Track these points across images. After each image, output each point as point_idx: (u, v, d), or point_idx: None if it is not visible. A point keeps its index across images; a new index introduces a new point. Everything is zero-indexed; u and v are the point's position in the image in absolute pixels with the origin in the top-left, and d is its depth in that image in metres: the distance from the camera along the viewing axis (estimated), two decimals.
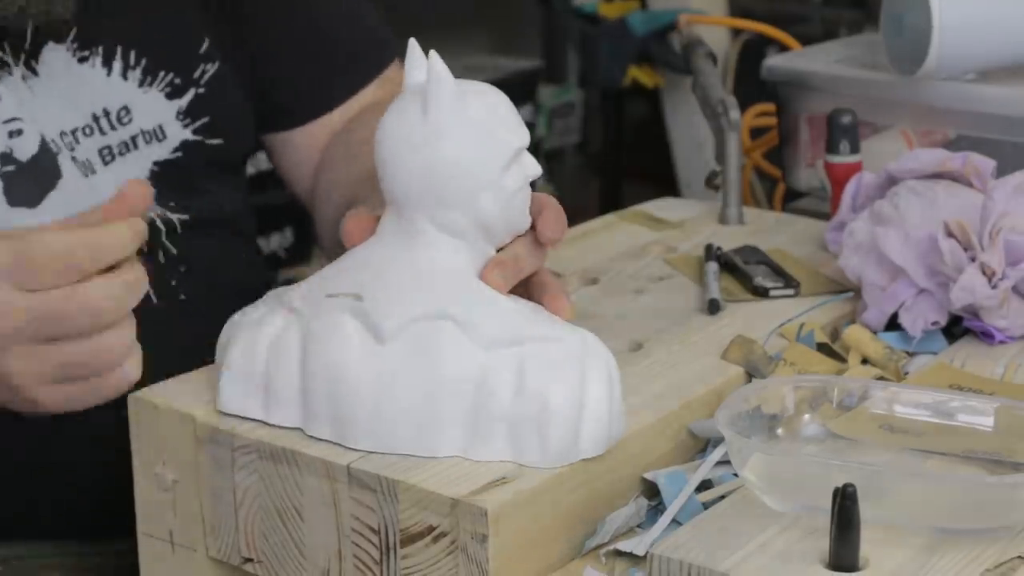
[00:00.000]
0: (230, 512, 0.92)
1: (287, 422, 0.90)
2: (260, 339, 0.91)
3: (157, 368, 1.08)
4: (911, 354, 1.06)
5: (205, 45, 1.18)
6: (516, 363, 0.86)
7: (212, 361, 0.97)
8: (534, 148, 2.96)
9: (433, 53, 0.89)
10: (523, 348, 0.86)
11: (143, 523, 0.97)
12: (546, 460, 0.86)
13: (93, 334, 0.88)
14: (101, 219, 0.88)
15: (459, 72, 0.92)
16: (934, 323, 1.07)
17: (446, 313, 0.87)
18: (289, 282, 2.81)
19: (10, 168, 1.10)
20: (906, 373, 1.04)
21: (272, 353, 0.90)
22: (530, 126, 3.62)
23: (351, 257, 0.92)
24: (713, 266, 1.17)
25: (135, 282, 0.89)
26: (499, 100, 0.91)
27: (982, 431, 0.89)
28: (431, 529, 0.84)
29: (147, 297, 1.12)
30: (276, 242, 2.66)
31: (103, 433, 1.05)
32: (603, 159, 3.20)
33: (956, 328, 1.11)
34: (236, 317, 0.95)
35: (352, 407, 0.87)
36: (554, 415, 0.86)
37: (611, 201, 2.98)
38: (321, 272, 0.93)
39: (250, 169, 2.43)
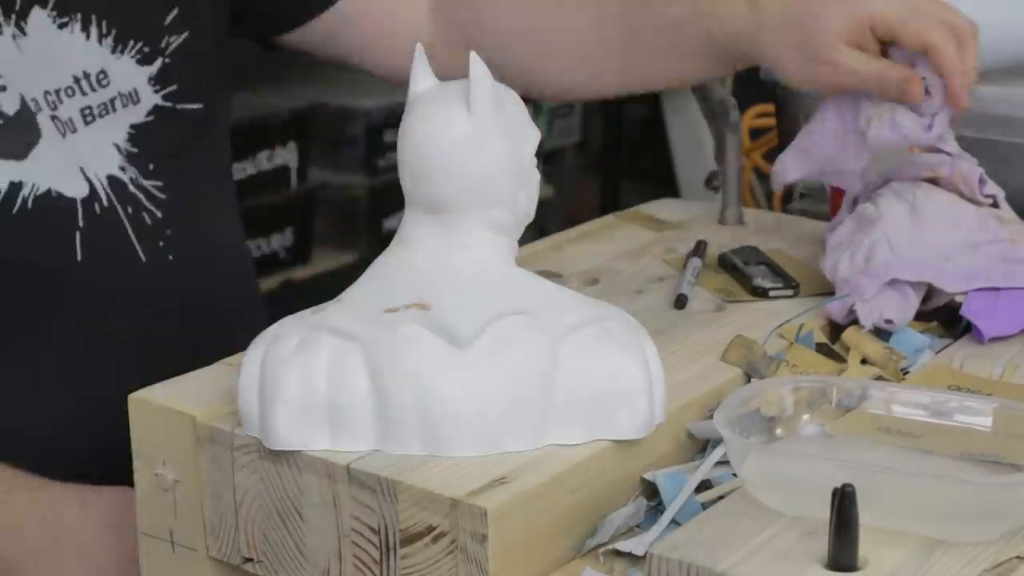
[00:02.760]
0: (230, 512, 0.92)
1: (359, 446, 0.88)
2: (315, 369, 0.87)
3: (150, 327, 1.11)
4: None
5: (172, 15, 1.22)
6: (590, 344, 0.89)
7: (201, 336, 0.98)
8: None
9: (473, 53, 0.90)
10: (590, 329, 0.89)
11: (144, 523, 0.97)
12: (636, 430, 0.90)
13: None
14: None
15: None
16: (888, 320, 1.07)
17: (516, 308, 0.89)
18: (288, 285, 2.80)
19: None
20: (905, 373, 1.04)
21: (334, 380, 0.87)
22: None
23: (382, 271, 0.91)
24: (696, 262, 1.18)
25: None
26: (517, 96, 0.94)
27: (980, 432, 0.89)
28: (431, 529, 0.84)
29: (135, 254, 1.16)
30: (276, 242, 2.66)
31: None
32: (603, 159, 3.21)
33: (955, 328, 1.11)
34: (260, 351, 0.90)
35: (445, 415, 0.87)
36: (637, 387, 0.89)
37: (611, 201, 2.99)
38: (353, 292, 0.91)
39: (249, 170, 2.44)
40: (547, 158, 3.42)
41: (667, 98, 2.92)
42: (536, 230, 1.26)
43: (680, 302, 1.12)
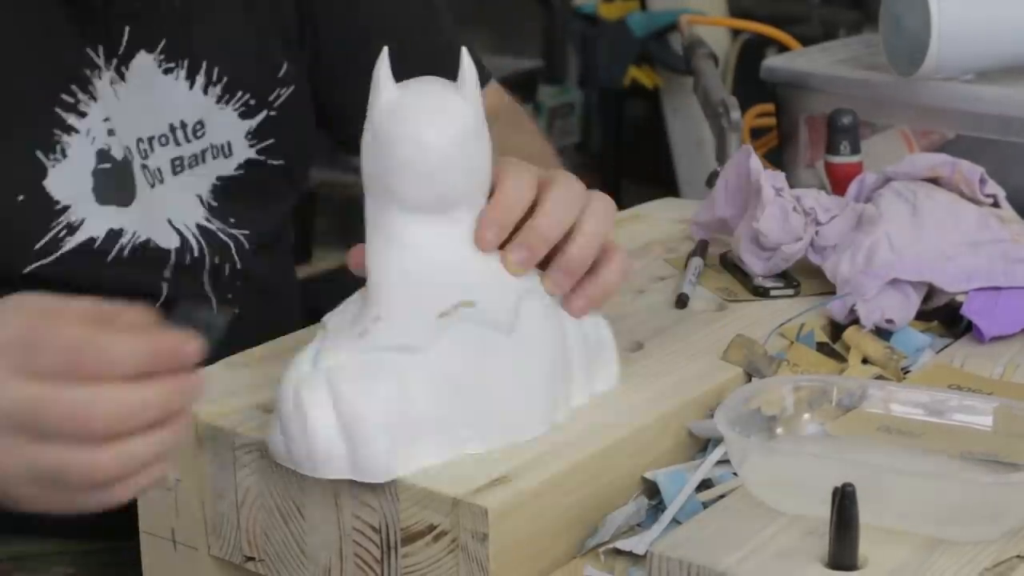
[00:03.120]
0: (232, 511, 0.92)
1: (433, 457, 0.87)
2: (397, 391, 0.85)
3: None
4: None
5: (283, 69, 1.20)
6: (558, 309, 0.93)
7: None
8: None
9: (464, 51, 0.89)
10: (551, 297, 0.93)
11: (145, 522, 0.97)
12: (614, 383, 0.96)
13: (80, 446, 0.77)
14: (120, 319, 0.79)
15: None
16: (888, 320, 1.08)
17: (528, 288, 0.90)
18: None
19: (105, 165, 1.12)
20: (906, 373, 1.04)
21: (416, 396, 0.86)
22: None
23: (399, 279, 0.88)
24: (697, 262, 1.18)
25: (153, 401, 0.77)
26: None
27: (981, 431, 0.89)
28: (432, 528, 0.84)
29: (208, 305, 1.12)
30: None
31: None
32: (603, 159, 3.21)
33: (955, 327, 1.11)
34: (318, 394, 0.85)
35: (517, 406, 0.89)
36: (611, 342, 0.97)
37: None
38: (385, 304, 0.88)
39: None
40: None
41: (667, 98, 2.92)
42: None
43: (681, 301, 1.12)
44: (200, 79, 1.16)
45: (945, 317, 1.12)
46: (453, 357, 0.86)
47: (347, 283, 0.93)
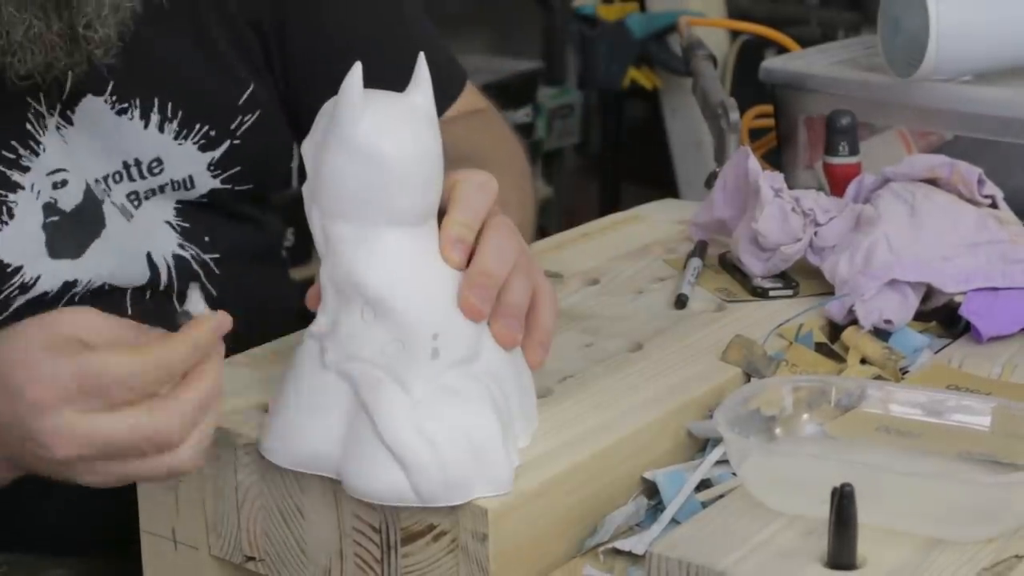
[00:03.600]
0: (232, 510, 0.93)
1: (514, 457, 0.87)
2: (493, 396, 0.86)
3: None
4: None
5: (247, 93, 1.17)
6: None
7: None
8: (534, 149, 3.00)
9: (421, 57, 0.88)
10: None
11: (146, 521, 0.97)
12: None
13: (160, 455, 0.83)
14: (164, 340, 0.83)
15: None
16: (887, 320, 1.08)
17: None
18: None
19: (54, 219, 1.09)
20: (904, 373, 1.05)
21: (502, 397, 0.87)
22: (529, 127, 3.63)
23: (415, 291, 0.86)
24: (696, 262, 1.18)
25: (208, 394, 0.83)
26: None
27: (979, 431, 0.89)
28: (432, 528, 0.84)
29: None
30: None
31: None
32: (602, 160, 3.21)
33: (954, 328, 1.11)
34: (410, 427, 0.83)
35: (535, 394, 0.92)
36: None
37: (610, 202, 2.99)
38: (439, 321, 0.86)
39: None
40: (547, 158, 3.42)
41: (667, 98, 2.92)
42: (536, 230, 1.26)
43: (680, 302, 1.12)
44: (155, 116, 1.12)
45: (943, 318, 1.12)
46: (499, 356, 0.87)
47: None
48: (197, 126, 1.14)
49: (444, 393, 0.84)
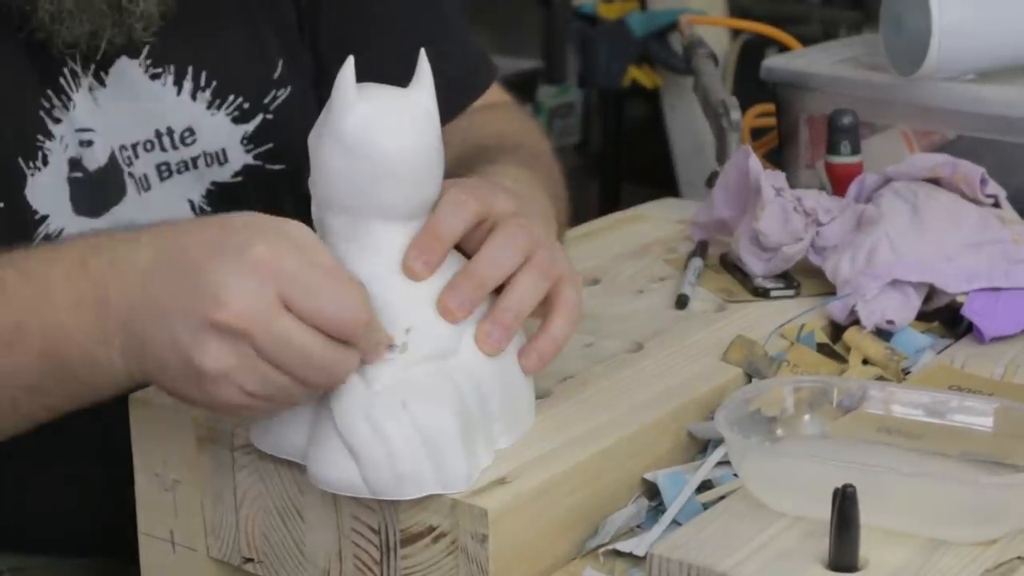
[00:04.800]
0: (231, 512, 0.92)
1: (484, 457, 0.87)
2: (458, 394, 0.85)
3: None
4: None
5: (279, 70, 1.16)
6: None
7: None
8: None
9: (423, 54, 0.88)
10: None
11: (144, 523, 0.97)
12: None
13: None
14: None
15: None
16: (889, 321, 1.07)
17: None
18: None
19: (77, 175, 1.09)
20: (906, 373, 1.04)
21: (473, 396, 0.86)
22: None
23: (400, 287, 0.86)
24: (697, 262, 1.18)
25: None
26: None
27: (981, 432, 0.89)
28: (431, 529, 0.84)
29: None
30: None
31: (100, 448, 1.05)
32: (603, 160, 3.20)
33: (956, 328, 1.11)
34: (398, 420, 0.83)
35: (526, 394, 0.91)
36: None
37: (611, 202, 2.99)
38: (415, 317, 0.86)
39: None
40: None
41: (668, 97, 2.91)
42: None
43: (681, 302, 1.12)
44: (188, 84, 1.12)
45: (946, 318, 1.12)
46: (479, 354, 0.87)
47: None
48: (231, 97, 1.14)
49: (405, 387, 0.84)
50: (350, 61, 0.85)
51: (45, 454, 1.11)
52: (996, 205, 1.16)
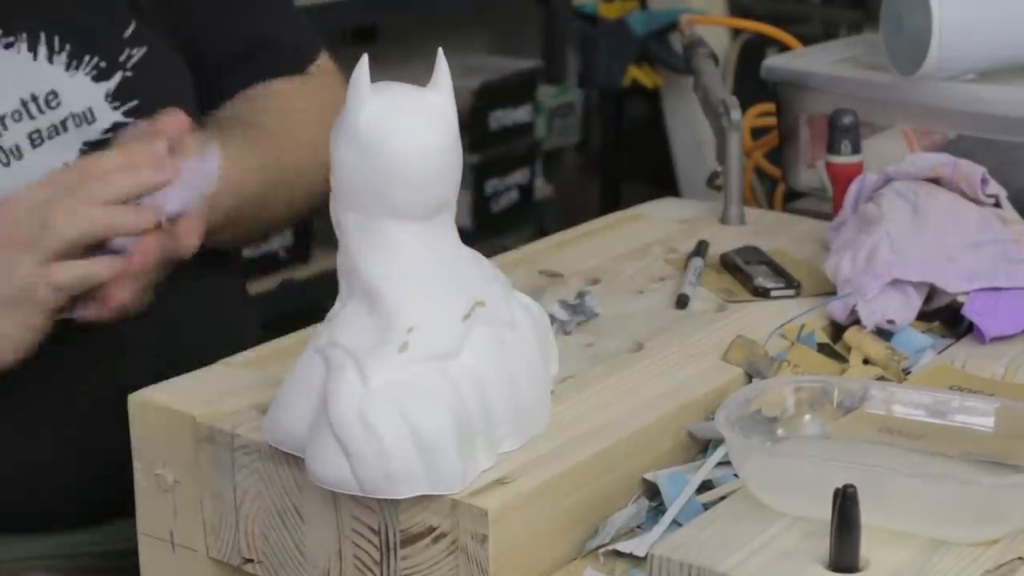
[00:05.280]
0: (230, 512, 0.92)
1: (484, 459, 0.86)
2: (454, 397, 0.85)
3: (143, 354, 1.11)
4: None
5: (131, 29, 1.19)
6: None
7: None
8: (533, 148, 3.00)
9: (440, 53, 0.89)
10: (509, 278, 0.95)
11: (144, 524, 0.97)
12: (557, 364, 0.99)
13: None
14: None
15: (459, 72, 0.91)
16: (890, 321, 1.07)
17: (502, 283, 0.91)
18: (288, 284, 2.77)
19: None
20: (907, 373, 1.04)
21: (469, 399, 0.86)
22: (529, 126, 3.63)
23: (396, 286, 0.86)
24: (697, 262, 1.17)
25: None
26: None
27: (982, 432, 0.89)
28: (431, 530, 0.84)
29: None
30: (276, 242, 2.66)
31: (82, 425, 1.06)
32: (603, 159, 3.20)
33: (957, 328, 1.11)
34: (385, 413, 0.83)
35: (536, 398, 0.90)
36: (549, 324, 0.98)
37: (611, 201, 2.98)
38: (419, 316, 0.86)
39: None
40: (547, 157, 3.42)
41: (668, 97, 2.91)
42: (536, 230, 1.25)
43: (681, 302, 1.12)
44: (43, 49, 1.14)
45: (946, 318, 1.12)
46: (484, 357, 0.86)
47: None
48: (86, 57, 1.16)
49: (401, 386, 0.84)
50: (364, 59, 0.85)
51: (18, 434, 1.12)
52: (997, 205, 1.15)
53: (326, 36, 1.36)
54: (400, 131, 0.85)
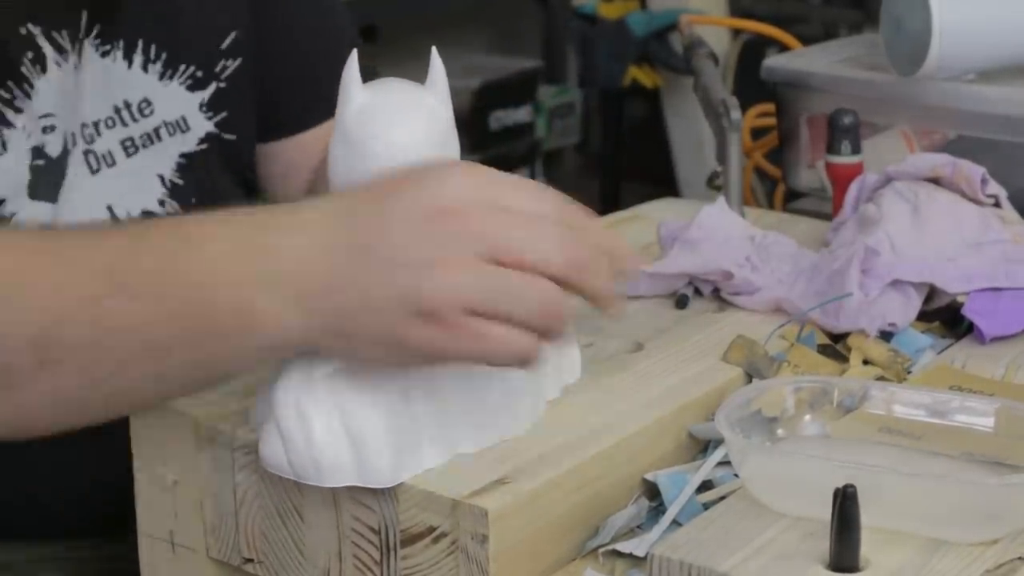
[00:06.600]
0: (230, 512, 0.92)
1: (431, 460, 0.86)
2: (398, 393, 0.85)
3: None
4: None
5: (229, 40, 1.18)
6: None
7: None
8: (534, 148, 3.00)
9: (434, 52, 0.89)
10: None
11: (144, 524, 0.97)
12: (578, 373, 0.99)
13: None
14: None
15: (459, 72, 0.91)
16: (891, 324, 1.07)
17: None
18: None
19: (40, 162, 1.10)
20: (907, 374, 1.04)
21: (424, 398, 0.86)
22: (530, 126, 3.62)
23: None
24: None
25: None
26: None
27: (982, 432, 0.89)
28: (431, 530, 0.84)
29: None
30: None
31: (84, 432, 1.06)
32: (603, 159, 3.20)
33: (957, 328, 1.11)
34: (327, 403, 0.84)
35: (504, 403, 0.89)
36: (572, 334, 0.98)
37: (611, 201, 2.98)
38: None
39: None
40: (547, 158, 3.42)
41: (668, 97, 2.91)
42: None
43: (681, 302, 1.12)
44: (138, 58, 1.13)
45: (946, 318, 1.12)
46: None
47: None
48: (182, 67, 1.16)
49: (343, 378, 0.84)
50: (354, 55, 0.86)
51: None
52: (997, 205, 1.16)
53: None
54: (385, 126, 0.85)
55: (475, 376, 0.87)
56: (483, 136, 3.09)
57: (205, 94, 1.17)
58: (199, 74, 1.16)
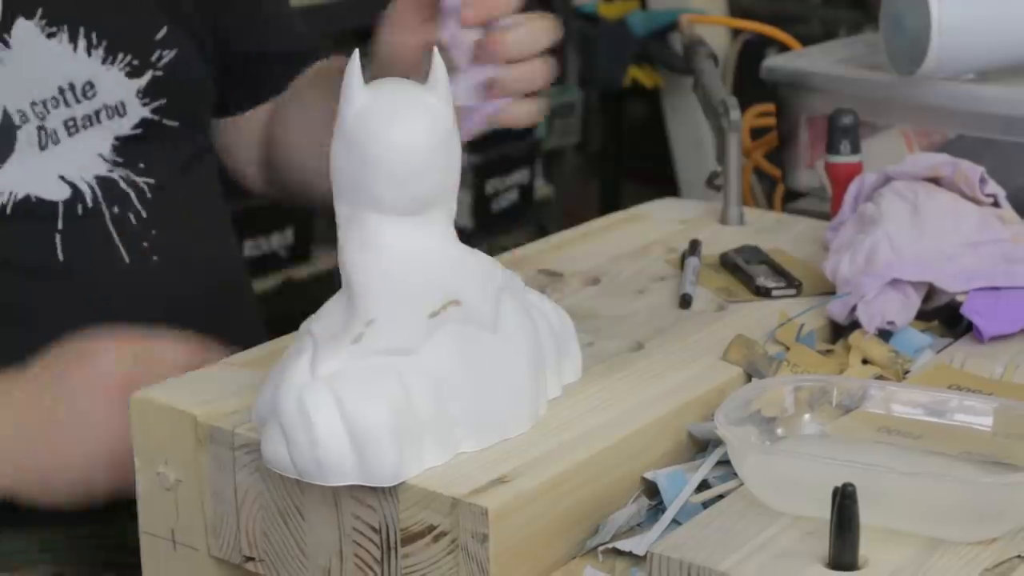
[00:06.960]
0: (231, 511, 0.92)
1: (433, 458, 0.86)
2: (400, 393, 0.85)
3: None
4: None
5: (163, 32, 1.23)
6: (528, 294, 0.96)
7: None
8: (533, 148, 3.00)
9: (436, 53, 0.89)
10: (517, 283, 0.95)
11: (145, 522, 0.97)
12: (579, 373, 0.99)
13: None
14: None
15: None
16: (890, 322, 1.07)
17: (502, 286, 0.90)
18: (288, 284, 2.78)
19: None
20: (906, 373, 1.04)
21: (426, 396, 0.86)
22: (529, 126, 3.62)
23: (375, 282, 0.87)
24: (693, 261, 1.18)
25: None
26: None
27: (981, 431, 0.89)
28: (431, 528, 0.84)
29: (119, 255, 1.18)
30: (276, 242, 2.66)
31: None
32: (603, 159, 3.21)
33: (956, 327, 1.11)
34: (324, 398, 0.84)
35: (507, 402, 0.89)
36: (574, 334, 0.99)
37: (611, 201, 2.99)
38: (382, 310, 0.86)
39: None
40: (547, 158, 3.42)
41: (668, 97, 2.92)
42: (536, 230, 1.26)
43: (685, 301, 1.12)
44: (82, 42, 1.18)
45: (945, 317, 1.12)
46: (446, 357, 0.86)
47: None
48: (120, 54, 1.20)
49: (345, 378, 0.84)
50: (355, 54, 0.86)
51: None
52: (996, 205, 1.16)
53: (326, 36, 1.39)
54: (384, 125, 0.86)
55: (477, 375, 0.87)
56: (483, 136, 3.09)
57: (142, 81, 1.21)
58: (136, 62, 1.21)
